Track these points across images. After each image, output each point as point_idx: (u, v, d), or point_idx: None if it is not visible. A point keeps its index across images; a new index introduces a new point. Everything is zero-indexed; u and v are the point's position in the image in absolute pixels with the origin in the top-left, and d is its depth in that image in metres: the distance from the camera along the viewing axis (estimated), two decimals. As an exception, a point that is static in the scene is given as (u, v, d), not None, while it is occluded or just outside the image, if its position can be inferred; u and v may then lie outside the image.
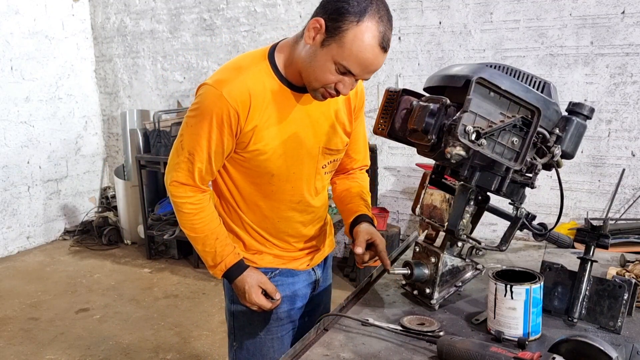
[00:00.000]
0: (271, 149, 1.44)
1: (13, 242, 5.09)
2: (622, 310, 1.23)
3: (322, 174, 1.58)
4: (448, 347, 1.11)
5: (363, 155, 1.74)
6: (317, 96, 1.39)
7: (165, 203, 4.83)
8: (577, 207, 3.72)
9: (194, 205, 1.49)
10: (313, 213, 1.62)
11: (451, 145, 1.16)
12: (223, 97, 1.36)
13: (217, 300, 3.91)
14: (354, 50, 1.27)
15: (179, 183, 1.47)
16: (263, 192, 1.53)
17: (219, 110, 1.37)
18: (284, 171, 1.49)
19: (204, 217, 1.50)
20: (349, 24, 1.26)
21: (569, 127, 1.22)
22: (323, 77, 1.33)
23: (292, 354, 1.20)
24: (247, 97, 1.38)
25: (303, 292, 1.66)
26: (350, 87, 1.37)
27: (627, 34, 3.42)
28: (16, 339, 3.44)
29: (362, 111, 1.64)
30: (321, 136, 1.51)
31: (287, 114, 1.44)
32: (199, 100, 1.42)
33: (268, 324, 1.61)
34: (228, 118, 1.38)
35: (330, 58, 1.30)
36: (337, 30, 1.27)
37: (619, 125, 3.54)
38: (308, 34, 1.32)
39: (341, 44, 1.28)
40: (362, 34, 1.26)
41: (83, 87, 5.65)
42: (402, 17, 4.09)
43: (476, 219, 1.39)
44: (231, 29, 4.86)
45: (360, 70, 1.31)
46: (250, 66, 1.41)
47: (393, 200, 4.40)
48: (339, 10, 1.27)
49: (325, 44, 1.30)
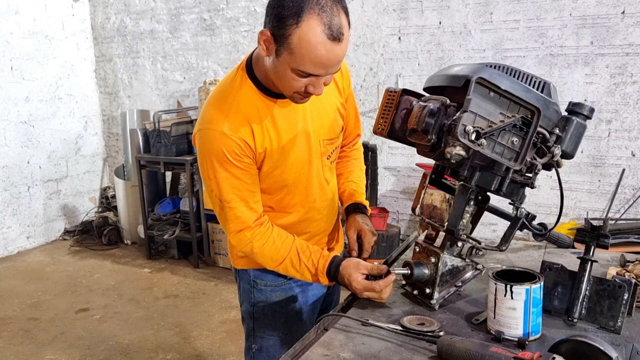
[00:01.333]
0: (283, 162, 1.45)
1: (13, 242, 5.09)
2: (622, 310, 1.23)
3: (328, 164, 1.59)
4: (448, 347, 1.11)
5: (354, 126, 1.74)
6: (296, 101, 1.37)
7: (165, 203, 4.83)
8: (577, 207, 3.72)
9: (259, 241, 1.45)
10: (328, 207, 1.64)
11: (451, 145, 1.16)
12: (225, 134, 1.35)
13: (217, 300, 3.91)
14: (304, 53, 1.21)
15: (236, 232, 1.44)
16: (281, 205, 1.54)
17: (228, 147, 1.35)
18: (297, 177, 1.50)
19: (275, 241, 1.46)
20: (290, 28, 1.20)
21: (569, 127, 1.22)
22: (289, 85, 1.30)
23: (292, 354, 1.20)
24: (247, 124, 1.37)
25: (320, 291, 1.68)
26: (322, 85, 1.32)
27: (627, 34, 3.42)
28: (16, 339, 3.44)
29: (350, 88, 1.63)
30: (320, 129, 1.51)
31: (286, 122, 1.44)
32: (203, 148, 1.39)
33: (289, 324, 1.61)
34: (240, 149, 1.37)
35: (287, 67, 1.25)
36: (282, 38, 1.22)
37: (619, 125, 3.54)
38: (261, 47, 1.28)
39: (291, 51, 1.22)
40: (306, 35, 1.19)
41: (83, 87, 5.65)
42: (402, 17, 4.09)
43: (476, 219, 1.39)
44: (231, 29, 4.86)
45: (320, 69, 1.25)
46: (236, 92, 1.39)
47: (393, 200, 4.40)
48: (278, 16, 1.21)
49: (278, 53, 1.25)
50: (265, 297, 1.61)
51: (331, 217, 1.69)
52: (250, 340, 1.65)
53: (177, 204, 4.80)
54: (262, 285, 1.61)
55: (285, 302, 1.61)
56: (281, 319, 1.60)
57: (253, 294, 1.61)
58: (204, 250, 4.65)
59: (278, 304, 1.61)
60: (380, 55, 4.23)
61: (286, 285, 1.61)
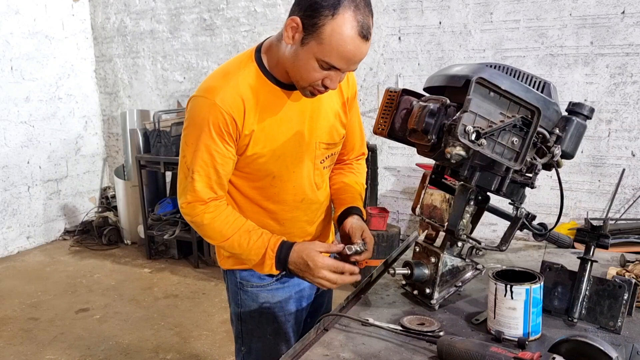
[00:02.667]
0: (269, 151, 1.43)
1: (13, 242, 5.09)
2: (622, 310, 1.23)
3: (320, 169, 1.57)
4: (448, 347, 1.11)
5: (359, 144, 1.72)
6: (306, 94, 1.38)
7: (165, 203, 4.83)
8: (577, 207, 3.72)
9: (211, 213, 1.43)
10: (317, 210, 1.62)
11: (451, 145, 1.16)
12: (216, 105, 1.34)
13: (217, 300, 3.91)
14: (334, 44, 1.24)
15: (189, 202, 1.43)
16: (266, 195, 1.51)
17: (214, 119, 1.34)
18: (284, 171, 1.48)
19: (227, 216, 1.44)
20: (324, 18, 1.23)
21: (569, 127, 1.22)
22: (308, 75, 1.31)
23: (292, 354, 1.20)
24: (240, 102, 1.36)
25: (308, 292, 1.66)
26: (338, 81, 1.35)
27: (627, 34, 3.42)
28: (16, 339, 3.44)
29: (356, 100, 1.63)
30: (317, 131, 1.50)
31: (282, 114, 1.43)
32: (191, 114, 1.39)
33: (277, 325, 1.60)
34: (226, 125, 1.36)
35: (312, 56, 1.27)
36: (314, 27, 1.24)
37: (619, 125, 3.54)
38: (286, 34, 1.30)
39: (320, 41, 1.25)
40: (339, 27, 1.22)
41: (83, 87, 5.65)
42: (402, 17, 4.09)
43: (476, 219, 1.39)
44: (231, 29, 4.86)
45: (344, 63, 1.28)
46: (238, 71, 1.39)
47: (393, 200, 4.40)
48: (313, 5, 1.24)
49: (305, 42, 1.27)
50: (252, 299, 1.60)
51: (318, 221, 1.65)
52: (239, 342, 1.65)
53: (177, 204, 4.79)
54: (249, 287, 1.59)
55: (273, 303, 1.59)
56: (269, 320, 1.59)
57: (240, 295, 1.59)
58: (204, 250, 4.65)
59: (265, 305, 1.59)
60: (380, 55, 4.23)
61: (272, 286, 1.59)
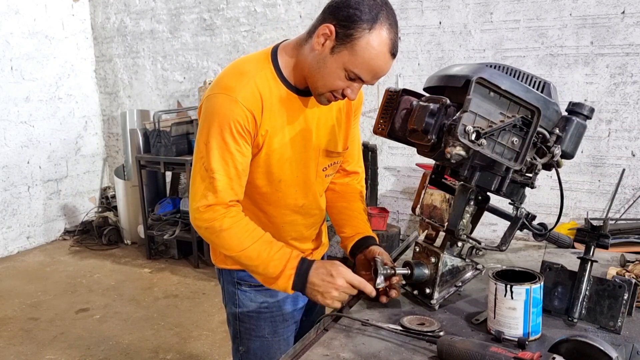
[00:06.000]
0: (279, 154, 1.44)
1: (13, 242, 5.09)
2: (622, 310, 1.23)
3: (322, 177, 1.58)
4: (448, 347, 1.11)
5: (357, 157, 1.72)
6: (322, 100, 1.39)
7: (165, 203, 4.83)
8: (577, 207, 3.72)
9: (232, 217, 1.36)
10: (315, 216, 1.62)
11: (451, 145, 1.16)
12: (239, 102, 1.32)
13: (217, 300, 3.90)
14: (366, 57, 1.27)
15: (209, 205, 1.35)
16: (268, 200, 1.51)
17: (237, 117, 1.32)
18: (289, 175, 1.49)
19: (247, 224, 1.39)
20: (361, 31, 1.25)
21: (569, 127, 1.22)
22: (332, 83, 1.32)
23: (292, 354, 1.20)
24: (259, 100, 1.36)
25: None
26: (358, 91, 1.37)
27: (627, 34, 3.42)
28: (16, 339, 3.44)
29: (359, 113, 1.64)
30: (323, 139, 1.51)
31: (293, 118, 1.43)
32: (211, 111, 1.35)
33: (275, 325, 1.60)
34: (247, 122, 1.34)
35: (341, 65, 1.29)
36: (349, 38, 1.26)
37: (619, 125, 3.54)
38: (317, 40, 1.30)
39: (353, 51, 1.27)
40: (374, 41, 1.26)
41: (83, 87, 5.65)
42: (402, 17, 4.09)
43: (476, 219, 1.39)
44: (231, 29, 4.86)
45: (370, 76, 1.32)
46: (255, 70, 1.38)
47: (393, 200, 4.40)
48: (351, 17, 1.26)
49: (336, 50, 1.29)
50: (250, 299, 1.59)
51: (316, 226, 1.66)
52: (237, 342, 1.64)
53: (177, 204, 4.81)
54: (246, 287, 1.58)
55: (270, 303, 1.59)
56: (267, 320, 1.59)
57: (237, 295, 1.59)
58: (204, 250, 4.64)
59: (263, 305, 1.59)
60: (380, 55, 4.23)
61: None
